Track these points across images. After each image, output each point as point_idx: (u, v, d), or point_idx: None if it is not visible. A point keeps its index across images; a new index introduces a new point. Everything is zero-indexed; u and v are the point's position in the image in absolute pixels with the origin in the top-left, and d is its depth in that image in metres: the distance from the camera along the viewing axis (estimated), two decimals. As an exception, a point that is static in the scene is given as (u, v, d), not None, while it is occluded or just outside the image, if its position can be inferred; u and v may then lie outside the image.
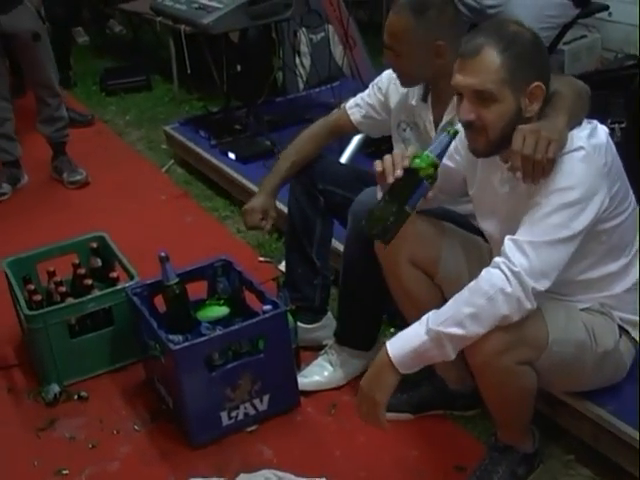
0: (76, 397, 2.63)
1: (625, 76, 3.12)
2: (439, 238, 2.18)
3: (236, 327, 2.39)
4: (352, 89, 3.63)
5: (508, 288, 1.79)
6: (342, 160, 3.34)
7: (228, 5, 3.78)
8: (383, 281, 2.28)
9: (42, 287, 2.80)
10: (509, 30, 1.85)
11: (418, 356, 1.84)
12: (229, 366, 2.34)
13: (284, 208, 2.74)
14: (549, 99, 1.88)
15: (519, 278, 1.79)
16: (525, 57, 1.83)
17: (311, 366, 2.57)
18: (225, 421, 2.38)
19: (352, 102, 2.63)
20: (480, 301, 1.80)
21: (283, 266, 2.89)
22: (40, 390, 2.64)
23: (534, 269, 1.80)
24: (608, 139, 1.90)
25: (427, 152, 1.87)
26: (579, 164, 1.81)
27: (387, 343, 1.87)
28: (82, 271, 2.80)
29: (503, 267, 1.80)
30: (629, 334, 2.07)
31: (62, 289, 2.73)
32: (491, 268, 1.83)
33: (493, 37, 1.82)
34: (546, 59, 1.90)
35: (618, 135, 2.69)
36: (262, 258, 3.32)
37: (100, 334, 2.69)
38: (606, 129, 1.92)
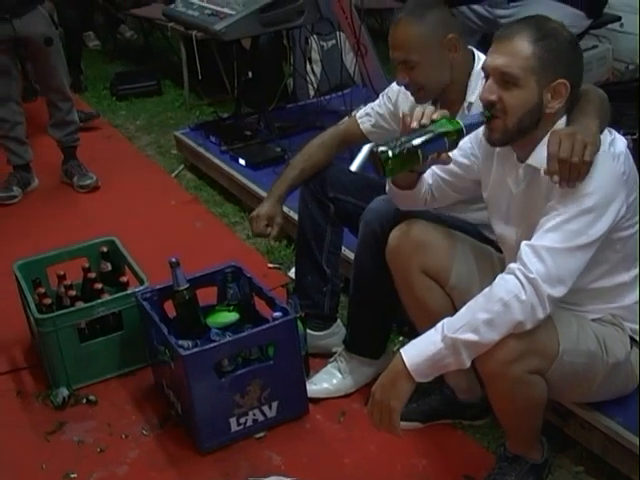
0: (85, 401, 2.63)
1: (637, 88, 3.13)
2: (451, 247, 2.18)
3: (246, 333, 2.39)
4: (363, 97, 3.65)
5: (523, 295, 1.79)
6: (352, 168, 3.34)
7: (240, 12, 3.81)
8: (393, 290, 2.27)
9: (52, 290, 2.81)
10: (548, 25, 1.87)
11: (434, 364, 1.83)
12: (238, 372, 2.34)
13: (294, 215, 2.75)
14: (575, 103, 1.89)
15: (534, 285, 1.79)
16: (557, 53, 1.83)
17: (320, 373, 2.57)
18: (234, 427, 2.38)
19: (362, 111, 2.64)
20: (496, 307, 1.80)
21: (293, 273, 2.89)
22: (49, 393, 2.64)
23: (551, 275, 1.80)
24: (627, 149, 1.90)
25: (457, 119, 1.90)
26: (599, 170, 1.81)
27: (402, 350, 1.86)
28: (92, 275, 2.80)
29: (518, 273, 1.80)
30: (640, 345, 2.07)
31: (72, 293, 2.74)
32: (506, 274, 1.84)
33: (531, 27, 1.85)
34: (579, 62, 1.90)
35: (630, 147, 2.69)
36: (272, 264, 3.32)
37: (109, 338, 2.69)
38: (624, 140, 1.93)
